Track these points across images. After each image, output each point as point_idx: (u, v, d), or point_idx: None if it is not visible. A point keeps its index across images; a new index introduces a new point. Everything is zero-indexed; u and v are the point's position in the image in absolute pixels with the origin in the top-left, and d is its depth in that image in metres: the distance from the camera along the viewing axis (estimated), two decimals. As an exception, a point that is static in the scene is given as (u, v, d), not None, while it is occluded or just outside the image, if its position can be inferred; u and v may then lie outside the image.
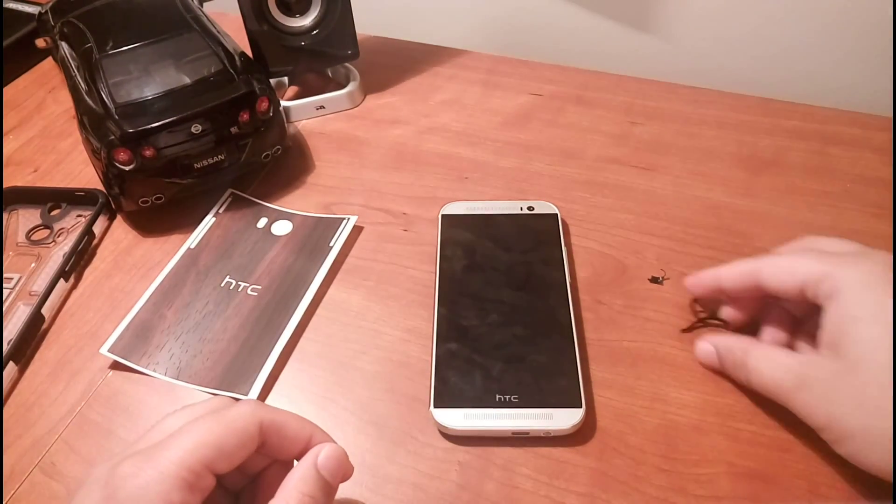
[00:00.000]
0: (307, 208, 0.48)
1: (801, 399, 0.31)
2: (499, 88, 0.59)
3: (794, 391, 0.31)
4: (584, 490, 0.33)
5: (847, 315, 0.30)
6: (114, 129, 0.43)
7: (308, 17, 0.54)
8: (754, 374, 0.33)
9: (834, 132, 0.52)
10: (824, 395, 0.30)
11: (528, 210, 0.46)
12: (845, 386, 0.29)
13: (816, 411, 0.30)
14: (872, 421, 0.28)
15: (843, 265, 0.31)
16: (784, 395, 0.32)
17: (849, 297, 0.30)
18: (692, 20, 0.63)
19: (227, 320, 0.41)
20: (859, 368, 0.29)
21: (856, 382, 0.29)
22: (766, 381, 0.33)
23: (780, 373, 0.32)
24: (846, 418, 0.29)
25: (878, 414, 0.28)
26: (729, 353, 0.35)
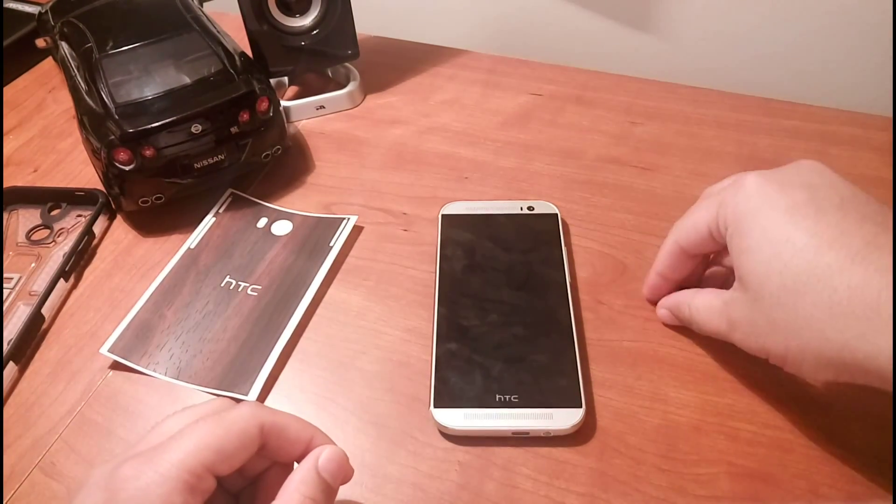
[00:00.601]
0: (307, 208, 0.48)
1: (736, 337, 0.32)
2: (499, 88, 0.59)
3: (729, 332, 0.33)
4: (584, 490, 0.33)
5: (738, 248, 0.31)
6: (114, 129, 0.43)
7: (308, 17, 0.54)
8: (695, 325, 0.36)
9: (834, 132, 0.52)
10: (749, 328, 0.31)
11: (528, 210, 0.46)
12: (759, 316, 0.30)
13: (749, 345, 0.32)
14: (792, 341, 0.29)
15: (725, 200, 0.32)
16: (724, 337, 0.33)
17: (736, 229, 0.31)
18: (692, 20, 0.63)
19: (227, 320, 0.41)
20: (762, 297, 0.30)
21: (765, 310, 0.30)
22: (707, 329, 0.35)
23: (714, 317, 0.34)
24: (771, 345, 0.30)
25: (793, 333, 0.29)
26: (677, 310, 0.37)
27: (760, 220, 0.30)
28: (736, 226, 0.31)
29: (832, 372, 0.28)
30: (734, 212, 0.31)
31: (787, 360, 0.30)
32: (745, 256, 0.30)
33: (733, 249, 0.31)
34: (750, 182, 0.31)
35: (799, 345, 0.29)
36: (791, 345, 0.29)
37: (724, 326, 0.33)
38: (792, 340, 0.29)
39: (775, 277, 0.29)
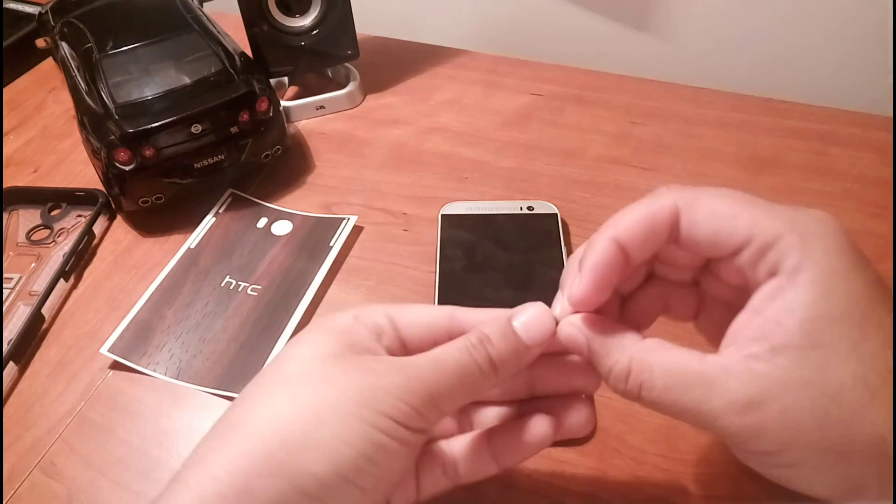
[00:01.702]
0: (307, 208, 0.48)
1: (749, 419, 0.22)
2: (499, 88, 0.59)
3: (741, 413, 0.22)
4: (584, 490, 0.33)
5: (817, 308, 0.22)
6: (114, 129, 0.43)
7: (308, 18, 0.54)
8: (655, 398, 0.24)
9: (834, 132, 0.52)
10: (786, 410, 0.21)
11: (528, 210, 0.46)
12: (808, 399, 0.21)
13: (771, 432, 0.22)
14: (831, 443, 0.21)
15: (808, 232, 0.23)
16: (712, 424, 0.22)
17: (819, 282, 0.22)
18: (692, 20, 0.63)
19: (227, 320, 0.41)
20: (829, 378, 0.21)
21: (823, 396, 0.21)
22: (680, 407, 0.23)
23: (708, 389, 0.22)
24: (805, 437, 0.22)
25: (838, 433, 0.21)
26: (605, 356, 0.25)
27: (850, 281, 0.22)
28: (817, 276, 0.22)
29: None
30: (814, 256, 0.22)
31: (805, 463, 0.22)
32: (828, 324, 0.22)
33: (800, 303, 0.22)
34: (835, 232, 0.23)
35: (837, 454, 0.22)
36: (827, 447, 0.22)
37: (739, 403, 0.22)
38: (830, 442, 0.22)
39: (854, 363, 0.21)
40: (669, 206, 0.24)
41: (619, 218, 0.25)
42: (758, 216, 0.24)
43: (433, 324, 0.27)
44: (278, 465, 0.21)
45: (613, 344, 0.25)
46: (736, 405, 0.22)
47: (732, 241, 0.24)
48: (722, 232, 0.24)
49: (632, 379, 0.24)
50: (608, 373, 0.25)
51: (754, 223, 0.23)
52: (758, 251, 0.23)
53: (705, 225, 0.24)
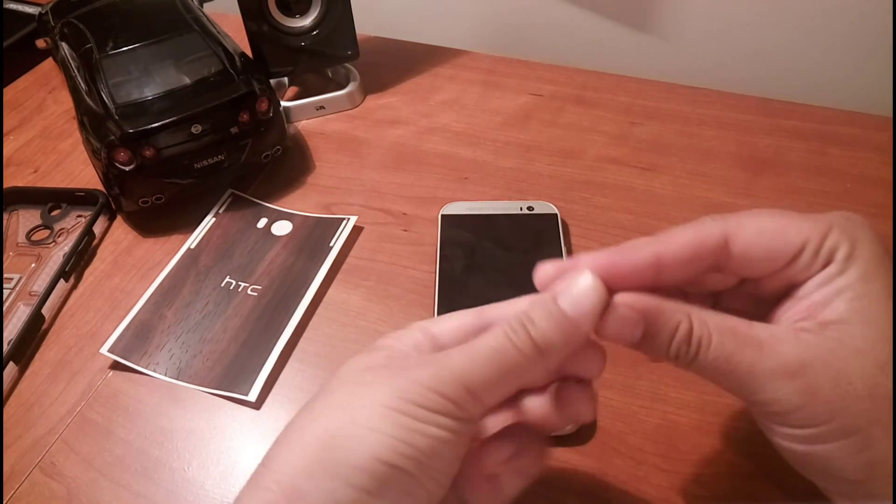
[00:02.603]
0: (307, 208, 0.48)
1: (799, 383, 0.23)
2: (499, 88, 0.59)
3: (793, 376, 0.23)
4: (584, 490, 0.33)
5: (864, 287, 0.24)
6: (114, 129, 0.43)
7: (308, 18, 0.54)
8: (714, 351, 0.24)
9: (833, 132, 0.52)
10: (838, 376, 0.22)
11: (528, 210, 0.46)
12: (859, 367, 0.22)
13: (823, 396, 0.23)
14: (880, 413, 0.22)
15: (847, 226, 0.25)
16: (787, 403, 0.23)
17: (863, 266, 0.24)
18: (692, 20, 0.63)
19: (227, 320, 0.41)
20: (878, 350, 0.23)
21: (873, 366, 0.22)
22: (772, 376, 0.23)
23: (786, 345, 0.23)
24: (857, 406, 0.22)
25: (887, 405, 0.22)
26: (670, 318, 0.24)
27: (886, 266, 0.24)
28: (867, 259, 0.24)
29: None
30: (863, 243, 0.24)
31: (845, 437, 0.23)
32: (880, 300, 0.23)
33: (860, 282, 0.24)
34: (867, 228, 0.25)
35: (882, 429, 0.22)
36: (872, 418, 0.22)
37: (783, 367, 0.23)
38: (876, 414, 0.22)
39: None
40: (718, 234, 0.25)
41: (667, 237, 0.25)
42: (802, 223, 0.25)
43: (467, 324, 0.26)
44: (322, 463, 0.22)
45: (674, 306, 0.24)
46: (788, 367, 0.23)
47: (789, 250, 0.25)
48: (776, 246, 0.25)
49: (694, 339, 0.24)
50: (673, 332, 0.24)
51: (802, 229, 0.24)
52: (813, 252, 0.24)
53: (758, 242, 0.25)
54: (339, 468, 0.22)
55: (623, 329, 0.24)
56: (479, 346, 0.24)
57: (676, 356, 0.24)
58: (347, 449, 0.22)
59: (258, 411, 0.37)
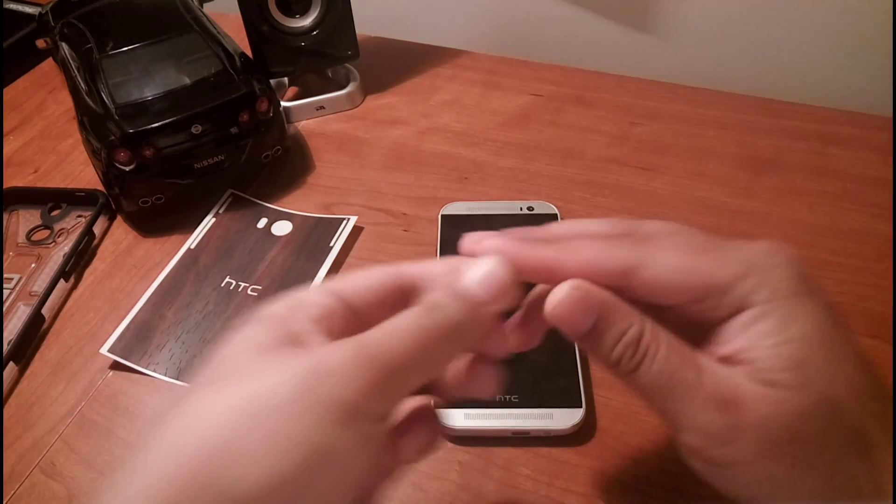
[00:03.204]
0: (307, 208, 0.48)
1: (729, 418, 0.22)
2: (499, 89, 0.59)
3: (724, 409, 0.22)
4: (584, 490, 0.33)
5: (784, 333, 0.23)
6: (114, 129, 0.43)
7: (308, 18, 0.54)
8: (659, 366, 0.23)
9: (834, 132, 0.52)
10: (763, 421, 0.22)
11: (528, 210, 0.46)
12: (783, 415, 0.22)
13: (748, 437, 0.22)
14: (799, 458, 0.22)
15: (763, 268, 0.24)
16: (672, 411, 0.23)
17: (781, 310, 0.23)
18: (692, 21, 0.63)
19: (227, 320, 0.41)
20: (801, 397, 0.22)
21: (794, 412, 0.22)
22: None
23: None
24: (776, 451, 0.22)
25: (808, 448, 0.22)
26: (622, 319, 0.23)
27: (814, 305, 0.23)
28: (783, 306, 0.23)
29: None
30: (776, 289, 0.23)
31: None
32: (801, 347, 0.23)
33: (772, 335, 0.23)
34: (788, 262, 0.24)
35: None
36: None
37: (717, 396, 0.22)
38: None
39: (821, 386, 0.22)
40: (625, 258, 0.24)
41: (574, 247, 0.24)
42: (715, 264, 0.24)
43: (384, 284, 0.24)
44: (205, 485, 0.17)
45: (628, 309, 0.23)
46: (724, 400, 0.22)
47: (691, 293, 0.24)
48: (681, 286, 0.24)
49: (641, 345, 0.23)
50: (622, 332, 0.23)
51: (714, 271, 0.24)
52: (717, 297, 0.23)
53: (664, 280, 0.24)
54: (229, 491, 0.17)
55: (575, 314, 0.23)
56: (403, 324, 0.21)
57: (619, 360, 0.23)
58: (243, 468, 0.17)
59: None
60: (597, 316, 0.23)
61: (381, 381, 0.19)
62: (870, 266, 0.42)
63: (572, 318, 0.23)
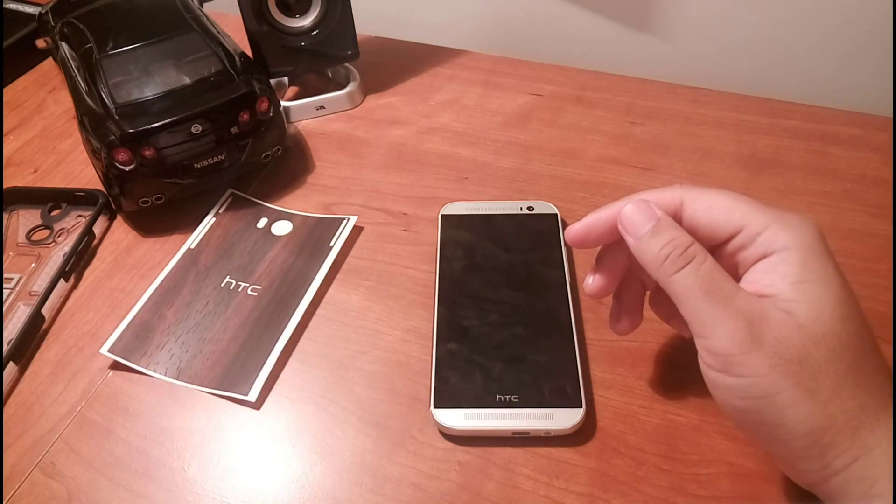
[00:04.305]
0: (307, 208, 0.48)
1: (754, 331, 0.27)
2: (499, 89, 0.59)
3: (751, 324, 0.27)
4: (584, 490, 0.33)
5: (804, 275, 0.27)
6: (114, 129, 0.43)
7: (308, 18, 0.54)
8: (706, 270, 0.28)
9: (834, 132, 0.52)
10: (780, 339, 0.27)
11: (528, 210, 0.46)
12: (798, 338, 0.27)
13: (767, 350, 0.27)
14: (803, 378, 0.26)
15: (791, 224, 0.29)
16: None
17: (803, 257, 0.28)
18: (692, 20, 0.63)
19: (227, 320, 0.41)
20: (815, 326, 0.27)
21: (808, 339, 0.27)
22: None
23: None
24: (787, 369, 0.26)
25: (811, 373, 0.26)
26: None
27: (825, 259, 0.28)
28: (798, 253, 0.28)
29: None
30: (795, 241, 0.28)
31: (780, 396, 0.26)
32: (805, 285, 0.27)
33: (787, 274, 0.28)
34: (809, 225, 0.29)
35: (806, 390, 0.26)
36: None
37: (745, 312, 0.27)
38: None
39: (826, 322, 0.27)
40: (676, 197, 0.31)
41: (637, 195, 0.31)
42: (750, 210, 0.29)
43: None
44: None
45: (682, 229, 0.30)
46: (751, 313, 0.27)
47: (727, 228, 0.29)
48: (719, 221, 0.30)
49: (689, 251, 0.28)
50: (672, 238, 0.29)
51: (746, 215, 0.29)
52: (749, 236, 0.29)
53: (705, 215, 0.30)
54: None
55: (640, 215, 0.30)
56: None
57: (666, 257, 0.28)
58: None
59: (258, 411, 0.37)
60: (656, 221, 0.29)
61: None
62: (870, 266, 0.42)
63: (637, 218, 0.30)
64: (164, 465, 0.35)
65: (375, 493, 0.33)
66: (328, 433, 0.36)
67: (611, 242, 0.33)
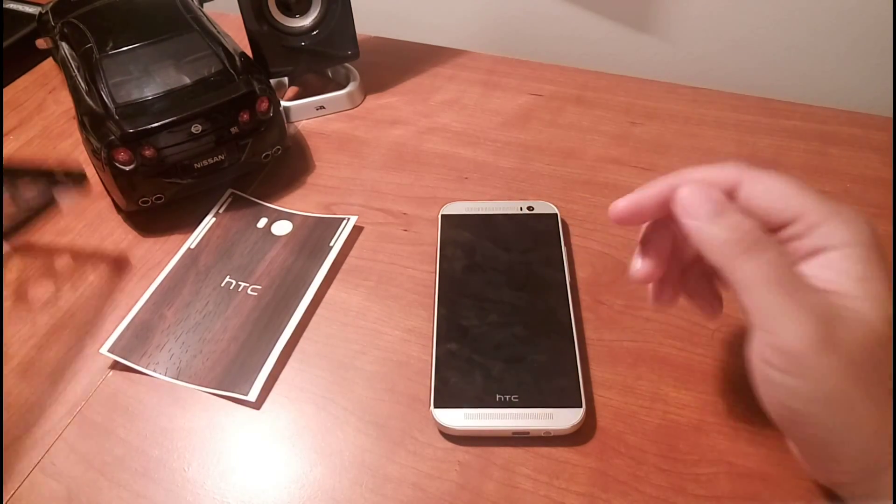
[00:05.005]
0: (307, 208, 0.48)
1: (825, 328, 0.25)
2: (499, 89, 0.59)
3: (828, 322, 0.25)
4: (584, 490, 0.33)
5: (866, 271, 0.26)
6: (114, 129, 0.43)
7: (308, 18, 0.54)
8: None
9: (834, 132, 0.52)
10: (857, 340, 0.25)
11: (528, 210, 0.46)
12: (875, 337, 0.25)
13: (843, 350, 0.25)
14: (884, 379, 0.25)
15: (849, 218, 0.27)
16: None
17: (864, 253, 0.26)
18: (692, 20, 0.63)
19: (227, 320, 0.41)
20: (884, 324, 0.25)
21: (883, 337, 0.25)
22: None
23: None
24: (869, 375, 0.25)
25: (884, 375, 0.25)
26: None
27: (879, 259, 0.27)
28: (859, 250, 0.27)
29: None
30: (855, 237, 0.27)
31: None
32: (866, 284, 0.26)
33: (849, 268, 0.26)
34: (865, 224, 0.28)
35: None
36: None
37: (818, 307, 0.25)
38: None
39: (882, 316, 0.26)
40: (733, 174, 0.29)
41: (692, 169, 0.30)
42: (809, 200, 0.27)
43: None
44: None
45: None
46: (820, 308, 0.25)
47: (784, 215, 0.28)
48: (776, 206, 0.28)
49: (754, 235, 0.26)
50: (736, 220, 0.27)
51: (805, 204, 0.27)
52: (806, 227, 0.27)
53: (763, 197, 0.28)
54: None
55: (698, 196, 0.27)
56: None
57: (730, 239, 0.26)
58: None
59: (258, 411, 0.37)
60: (718, 203, 0.27)
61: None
62: (870, 266, 0.42)
63: (697, 199, 0.27)
64: (164, 464, 0.35)
65: (375, 493, 0.33)
66: (328, 433, 0.36)
67: (656, 223, 0.31)
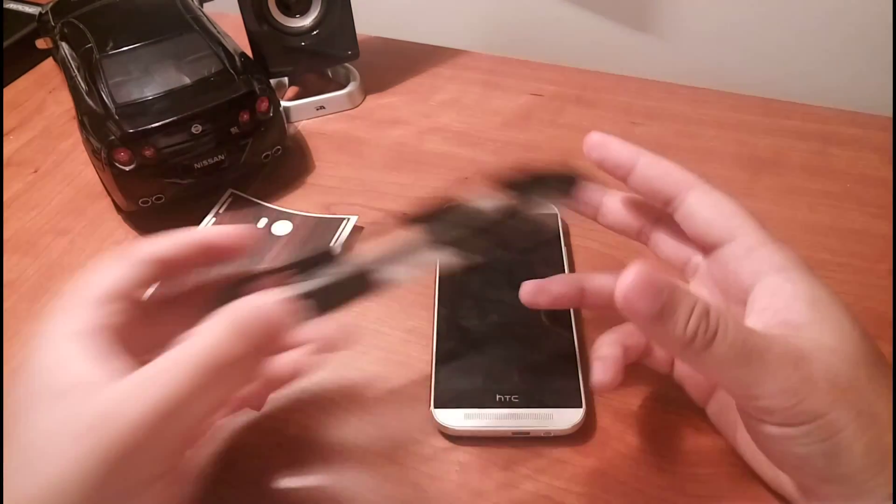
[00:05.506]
0: (307, 208, 0.48)
1: (802, 372, 0.25)
2: (499, 89, 0.59)
3: (796, 366, 0.25)
4: (584, 490, 0.33)
5: (812, 293, 0.27)
6: (114, 129, 0.43)
7: (308, 18, 0.54)
8: (732, 336, 0.25)
9: (834, 132, 0.52)
10: (829, 368, 0.25)
11: (528, 210, 0.45)
12: (838, 361, 0.25)
13: (820, 387, 0.24)
14: (862, 404, 0.25)
15: (782, 243, 0.29)
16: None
17: (806, 276, 0.27)
18: (692, 20, 0.63)
19: (227, 320, 0.41)
20: (845, 346, 0.26)
21: (844, 361, 0.25)
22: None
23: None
24: (846, 398, 0.25)
25: (862, 395, 0.25)
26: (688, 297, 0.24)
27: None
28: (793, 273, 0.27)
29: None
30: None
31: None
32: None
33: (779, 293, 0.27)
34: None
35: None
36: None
37: (788, 356, 0.24)
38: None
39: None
40: (681, 181, 0.32)
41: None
42: (747, 222, 0.29)
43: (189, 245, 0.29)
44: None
45: (687, 288, 0.26)
46: (793, 355, 0.24)
47: (722, 233, 0.29)
48: (716, 223, 0.29)
49: (712, 317, 0.24)
50: (691, 307, 0.24)
51: (744, 226, 0.29)
52: (745, 249, 0.28)
53: (705, 212, 0.30)
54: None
55: (645, 296, 0.23)
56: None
57: (694, 335, 0.23)
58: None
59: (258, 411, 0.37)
60: (665, 297, 0.23)
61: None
62: (870, 266, 0.42)
63: (642, 301, 0.23)
64: (164, 465, 0.35)
65: (375, 493, 0.33)
66: (328, 433, 0.36)
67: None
